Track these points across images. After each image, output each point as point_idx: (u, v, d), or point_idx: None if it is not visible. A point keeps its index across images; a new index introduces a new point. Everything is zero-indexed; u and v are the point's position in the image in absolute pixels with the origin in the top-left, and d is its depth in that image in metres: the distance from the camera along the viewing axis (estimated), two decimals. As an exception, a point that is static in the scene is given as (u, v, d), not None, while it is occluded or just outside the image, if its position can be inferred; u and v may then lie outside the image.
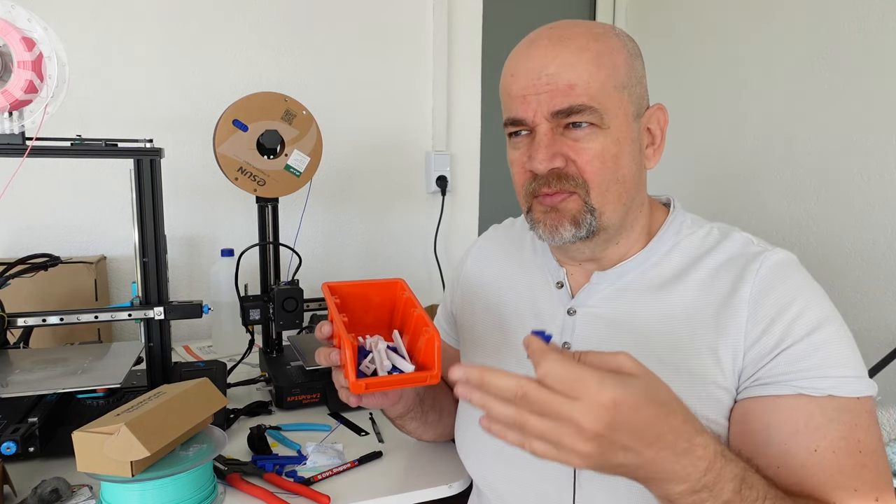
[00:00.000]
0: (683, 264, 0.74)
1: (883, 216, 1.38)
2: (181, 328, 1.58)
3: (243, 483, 0.85)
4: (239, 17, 1.59)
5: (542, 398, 0.50)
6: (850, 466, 0.62)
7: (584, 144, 0.70)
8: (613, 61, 0.70)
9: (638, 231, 0.77)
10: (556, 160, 0.70)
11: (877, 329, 1.37)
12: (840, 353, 0.65)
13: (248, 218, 1.59)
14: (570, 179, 0.71)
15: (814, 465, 0.62)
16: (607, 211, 0.72)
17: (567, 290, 0.80)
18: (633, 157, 0.73)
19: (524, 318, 0.83)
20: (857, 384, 0.64)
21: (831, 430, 0.63)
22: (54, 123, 0.86)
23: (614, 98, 0.70)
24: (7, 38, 0.79)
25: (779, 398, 0.64)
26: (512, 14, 2.06)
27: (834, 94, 1.48)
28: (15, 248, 1.46)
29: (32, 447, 0.87)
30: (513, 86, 0.72)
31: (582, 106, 0.68)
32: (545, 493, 0.75)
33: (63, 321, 0.98)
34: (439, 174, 1.82)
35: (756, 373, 0.66)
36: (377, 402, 0.80)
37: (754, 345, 0.66)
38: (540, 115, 0.70)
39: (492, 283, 0.90)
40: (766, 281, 0.68)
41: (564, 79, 0.68)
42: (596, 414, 0.48)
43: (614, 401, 0.49)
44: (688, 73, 1.89)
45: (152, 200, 0.99)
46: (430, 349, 0.69)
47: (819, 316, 0.66)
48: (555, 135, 0.70)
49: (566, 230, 0.72)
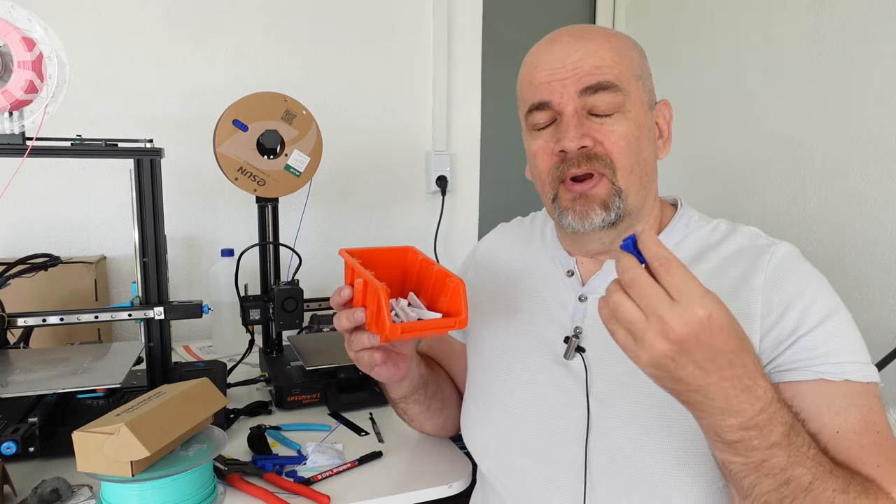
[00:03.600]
0: (694, 254, 0.76)
1: (883, 216, 1.38)
2: (181, 328, 1.58)
3: (243, 483, 0.85)
4: (239, 17, 1.59)
5: (645, 288, 0.52)
6: (871, 444, 0.64)
7: (609, 127, 0.73)
8: (630, 54, 0.75)
9: (651, 223, 0.80)
10: (585, 139, 0.73)
11: (877, 329, 1.37)
12: (850, 340, 0.68)
13: (248, 218, 1.59)
14: (598, 159, 0.73)
15: (837, 445, 0.64)
16: (632, 193, 0.75)
17: (578, 278, 0.82)
18: (650, 143, 0.77)
19: (536, 306, 0.83)
20: (866, 370, 0.67)
21: (850, 412, 0.65)
22: (54, 123, 0.86)
23: (634, 85, 0.74)
24: (7, 38, 0.79)
25: (801, 383, 0.66)
26: (512, 14, 2.06)
27: (834, 94, 1.48)
28: (15, 248, 1.46)
29: (32, 447, 0.87)
30: (536, 75, 0.75)
31: (609, 83, 0.72)
32: (553, 479, 0.75)
33: (63, 321, 0.98)
34: (439, 174, 1.82)
35: (776, 359, 0.68)
36: (389, 372, 0.80)
37: (771, 331, 0.68)
38: (567, 96, 0.73)
39: (501, 276, 0.91)
40: (779, 270, 0.70)
41: (590, 62, 0.73)
42: (688, 319, 0.51)
43: (710, 315, 0.51)
44: (687, 73, 1.89)
45: (152, 200, 0.99)
46: (457, 297, 0.70)
47: (830, 305, 0.68)
48: (581, 118, 0.73)
49: (597, 215, 0.74)
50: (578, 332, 0.78)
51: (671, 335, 0.51)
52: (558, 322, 0.80)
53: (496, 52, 1.93)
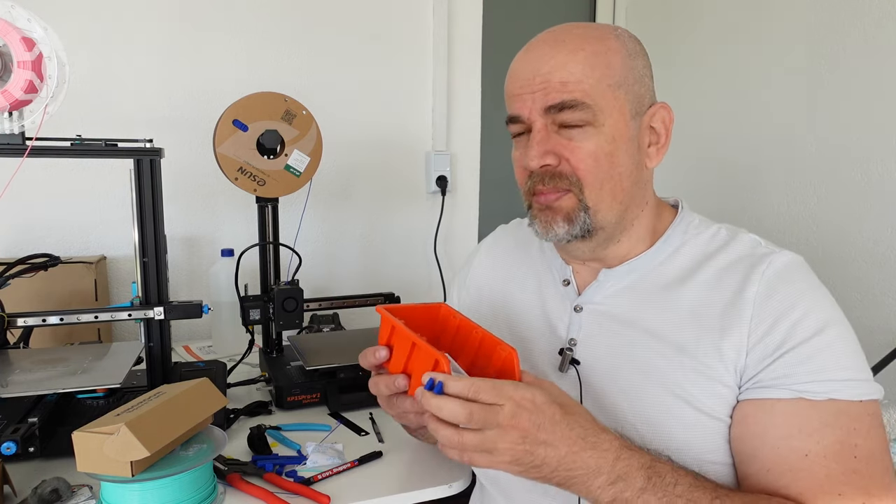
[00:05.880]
0: (691, 264, 0.75)
1: (883, 216, 1.38)
2: (181, 328, 1.58)
3: (243, 483, 0.85)
4: (239, 17, 1.59)
5: (474, 414, 0.57)
6: (839, 472, 0.62)
7: (577, 143, 0.71)
8: (608, 61, 0.71)
9: (641, 230, 0.78)
10: (548, 157, 0.72)
11: (877, 329, 1.37)
12: (844, 355, 0.65)
13: (248, 218, 1.59)
14: (563, 178, 0.72)
15: (802, 470, 0.63)
16: (602, 209, 0.73)
17: (574, 288, 0.81)
18: (630, 155, 0.73)
19: (533, 316, 0.83)
20: (860, 387, 0.64)
21: (826, 434, 0.63)
22: (54, 123, 0.86)
23: (609, 96, 0.71)
24: (7, 38, 0.79)
25: (777, 402, 0.65)
26: (512, 14, 2.06)
27: (834, 94, 1.48)
28: (15, 248, 1.46)
29: (32, 447, 0.87)
30: (511, 86, 0.75)
31: (574, 101, 0.69)
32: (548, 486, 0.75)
33: (63, 321, 0.98)
34: (439, 174, 1.82)
35: (757, 374, 0.66)
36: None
37: (757, 345, 0.66)
38: (534, 112, 0.72)
39: (500, 283, 0.90)
40: (772, 282, 0.68)
41: (557, 77, 0.70)
42: (515, 412, 0.57)
43: (531, 398, 0.58)
44: (687, 73, 1.89)
45: (152, 200, 0.99)
46: (511, 368, 0.64)
47: (823, 318, 0.66)
48: (549, 133, 0.72)
49: (559, 227, 0.74)
50: (573, 343, 0.77)
51: (512, 433, 0.57)
52: (554, 333, 0.80)
53: (496, 52, 1.93)
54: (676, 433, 0.68)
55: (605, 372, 0.74)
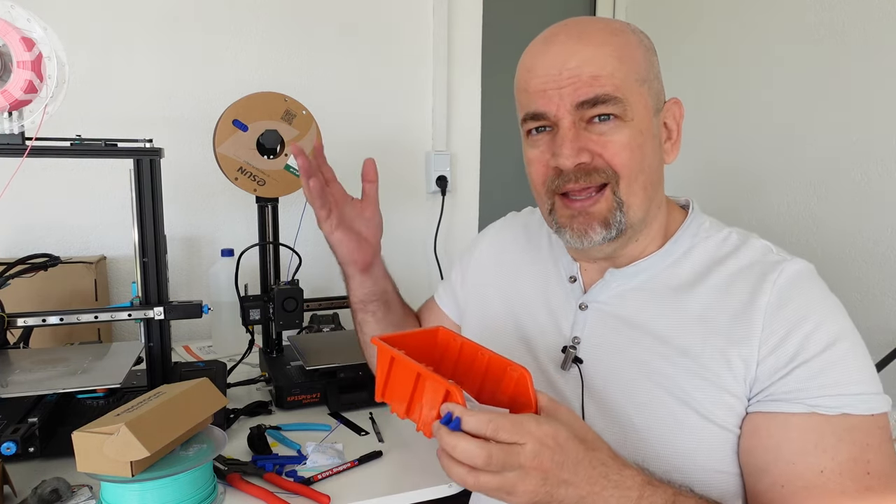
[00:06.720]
0: (700, 268, 0.73)
1: (883, 216, 1.38)
2: (181, 328, 1.58)
3: (243, 483, 0.85)
4: (239, 17, 1.59)
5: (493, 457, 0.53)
6: (853, 489, 0.61)
7: (609, 137, 0.69)
8: (633, 55, 0.70)
9: (655, 230, 0.77)
10: (583, 155, 0.69)
11: (877, 329, 1.37)
12: (856, 369, 0.64)
13: (248, 218, 1.59)
14: (599, 172, 0.70)
15: (817, 487, 0.62)
16: (634, 204, 0.71)
17: (580, 285, 0.80)
18: (654, 150, 0.73)
19: (536, 310, 0.83)
20: (872, 401, 0.63)
21: (841, 451, 0.62)
22: (54, 123, 0.86)
23: (636, 91, 0.70)
24: (7, 38, 0.79)
25: (791, 416, 0.63)
26: (512, 14, 2.06)
27: (835, 95, 1.48)
28: (15, 248, 1.45)
29: (32, 447, 0.87)
30: (531, 81, 0.71)
31: (607, 96, 0.68)
32: None
33: (63, 321, 0.98)
34: (439, 174, 1.82)
35: (769, 387, 0.65)
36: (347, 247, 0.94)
37: (768, 357, 0.65)
38: (563, 108, 0.69)
39: (506, 270, 0.90)
40: (784, 292, 0.67)
41: (587, 71, 0.68)
42: (537, 451, 0.54)
43: (553, 434, 0.55)
44: (687, 73, 1.89)
45: (152, 200, 0.99)
46: (525, 389, 0.61)
47: (835, 331, 0.65)
48: (578, 130, 0.69)
49: (596, 233, 0.71)
50: (577, 342, 0.77)
51: (534, 474, 0.54)
52: (558, 330, 0.79)
53: (496, 51, 1.93)
54: (681, 439, 0.67)
55: (607, 372, 0.73)
